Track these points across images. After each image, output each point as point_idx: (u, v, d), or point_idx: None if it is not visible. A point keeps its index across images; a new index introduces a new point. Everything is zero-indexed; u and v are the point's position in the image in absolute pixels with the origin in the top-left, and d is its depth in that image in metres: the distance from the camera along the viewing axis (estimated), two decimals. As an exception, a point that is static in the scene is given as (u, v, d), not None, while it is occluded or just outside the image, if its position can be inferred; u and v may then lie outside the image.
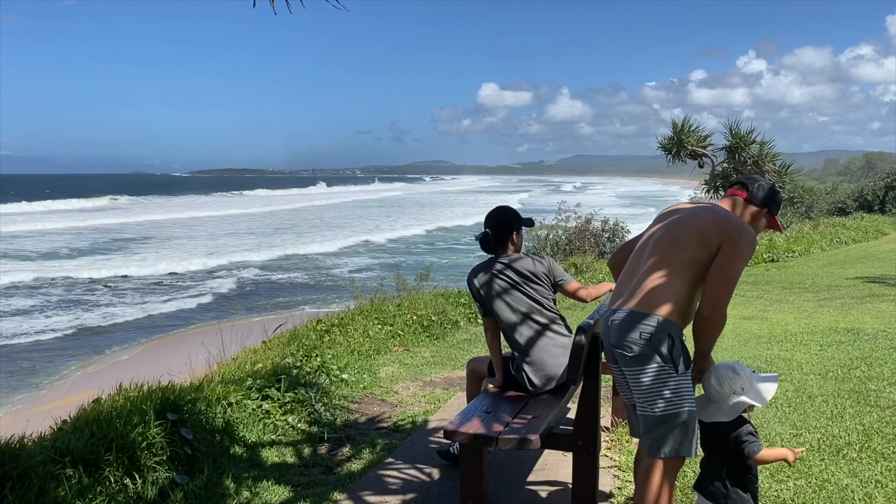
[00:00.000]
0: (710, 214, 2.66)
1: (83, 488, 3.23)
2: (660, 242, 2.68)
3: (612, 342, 2.64)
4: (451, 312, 8.86)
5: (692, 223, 2.65)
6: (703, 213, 2.69)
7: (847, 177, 62.97)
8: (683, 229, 2.65)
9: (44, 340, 13.37)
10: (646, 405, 2.57)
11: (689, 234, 2.61)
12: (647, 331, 2.53)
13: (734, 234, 2.57)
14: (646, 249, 2.73)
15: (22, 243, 31.61)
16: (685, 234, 2.63)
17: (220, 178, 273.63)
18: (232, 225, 43.67)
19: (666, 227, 2.73)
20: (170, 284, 20.35)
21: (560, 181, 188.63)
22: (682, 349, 2.57)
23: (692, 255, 2.58)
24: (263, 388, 4.94)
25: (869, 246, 17.85)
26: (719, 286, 2.54)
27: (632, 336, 2.55)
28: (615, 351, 2.64)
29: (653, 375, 2.53)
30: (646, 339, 2.52)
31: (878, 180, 29.60)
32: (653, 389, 2.54)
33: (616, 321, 2.64)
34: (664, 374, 2.53)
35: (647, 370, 2.54)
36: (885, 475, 3.63)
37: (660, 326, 2.53)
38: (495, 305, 3.64)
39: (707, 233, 2.58)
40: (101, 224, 43.15)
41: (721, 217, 2.64)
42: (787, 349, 6.52)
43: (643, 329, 2.54)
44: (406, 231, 38.49)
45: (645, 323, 2.54)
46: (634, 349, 2.54)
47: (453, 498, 3.56)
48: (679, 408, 2.53)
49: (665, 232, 2.70)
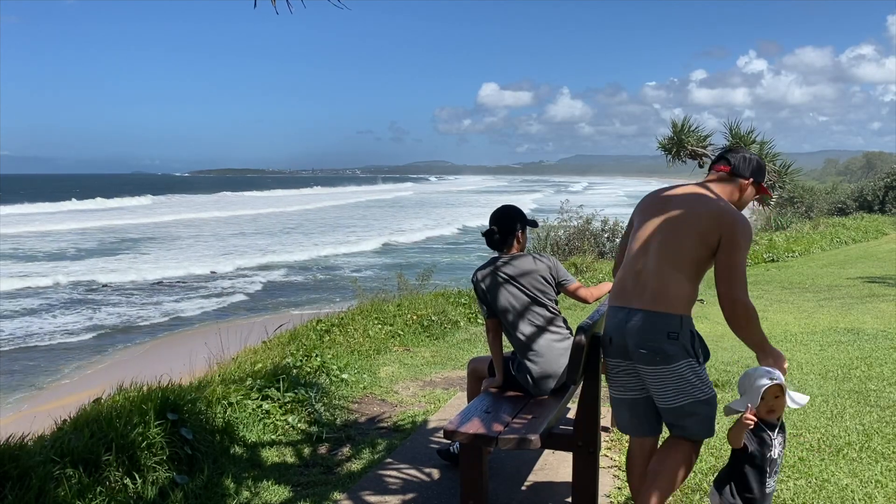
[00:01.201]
0: (706, 211, 2.72)
1: (83, 488, 3.23)
2: (664, 245, 2.74)
3: (635, 342, 2.70)
4: (451, 312, 8.86)
5: (691, 223, 2.71)
6: (699, 208, 2.74)
7: (847, 177, 63.00)
8: (682, 229, 2.72)
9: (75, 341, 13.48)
10: (675, 397, 2.70)
11: (690, 235, 2.70)
12: (673, 330, 2.66)
13: (731, 228, 2.66)
14: (649, 250, 2.77)
15: (39, 244, 31.82)
16: (685, 234, 2.71)
17: (223, 177, 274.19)
18: (269, 223, 44.88)
19: (667, 225, 2.76)
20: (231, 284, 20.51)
21: (566, 181, 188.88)
22: (700, 341, 2.75)
23: (696, 255, 2.69)
24: (263, 388, 4.94)
25: (869, 246, 17.86)
26: (730, 280, 2.63)
27: (658, 336, 2.66)
28: (638, 351, 2.70)
29: (683, 370, 2.67)
30: (674, 338, 2.65)
31: (878, 180, 29.59)
32: (683, 382, 2.68)
33: (636, 322, 2.70)
34: (692, 367, 2.69)
35: (677, 366, 2.67)
36: (885, 475, 3.63)
37: (683, 324, 2.67)
38: (497, 302, 3.65)
39: (706, 233, 2.67)
40: (159, 221, 44.64)
41: (716, 212, 2.71)
42: (787, 349, 6.52)
43: (669, 329, 2.66)
44: (439, 231, 38.92)
45: (669, 323, 2.66)
46: (666, 349, 2.65)
47: (453, 498, 3.56)
48: (705, 395, 2.71)
49: (666, 234, 2.75)
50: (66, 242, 32.72)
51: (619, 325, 2.76)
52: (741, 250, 2.64)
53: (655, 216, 2.82)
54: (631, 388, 2.82)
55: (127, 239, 34.27)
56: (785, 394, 2.53)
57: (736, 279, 2.62)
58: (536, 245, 16.80)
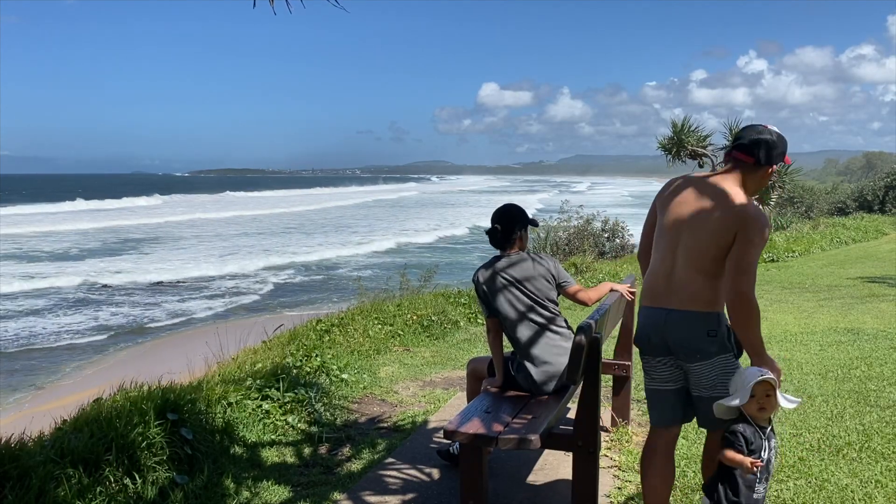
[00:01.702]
0: (722, 211, 2.73)
1: (83, 488, 3.23)
2: (688, 249, 2.79)
3: (675, 340, 2.81)
4: (451, 312, 8.86)
5: (709, 226, 2.74)
6: (716, 211, 2.74)
7: (847, 177, 62.97)
8: (702, 232, 2.76)
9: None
10: (709, 389, 2.79)
11: (710, 237, 2.73)
12: (712, 328, 2.77)
13: (747, 224, 2.68)
14: (676, 253, 2.83)
15: (52, 244, 31.95)
16: (705, 236, 2.75)
17: (224, 177, 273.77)
18: (289, 221, 45.56)
19: (688, 227, 2.80)
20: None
21: (567, 181, 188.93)
22: (734, 336, 2.81)
23: (718, 254, 2.73)
24: (263, 388, 4.94)
25: (869, 246, 17.85)
26: (738, 275, 2.67)
27: (698, 334, 2.77)
28: (680, 349, 2.81)
29: (722, 364, 2.78)
30: (713, 336, 2.76)
31: (878, 180, 29.59)
32: (724, 376, 2.77)
33: (675, 321, 2.80)
34: (728, 362, 2.79)
35: (716, 362, 2.77)
36: (885, 475, 3.63)
37: (720, 321, 2.78)
38: (497, 303, 3.65)
39: (723, 233, 2.71)
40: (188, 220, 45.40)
41: (731, 211, 2.71)
42: (787, 349, 6.52)
43: (709, 328, 2.76)
44: (451, 231, 39.18)
45: (708, 321, 2.77)
46: (705, 347, 2.76)
47: (453, 498, 3.56)
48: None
49: (689, 237, 2.80)
50: (93, 240, 33.18)
51: (658, 325, 2.85)
52: (754, 247, 2.67)
53: (678, 214, 2.84)
54: (669, 379, 2.92)
55: (147, 238, 34.62)
56: (776, 393, 2.54)
57: (744, 274, 2.65)
58: (536, 245, 16.80)
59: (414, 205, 67.78)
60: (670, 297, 2.81)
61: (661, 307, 2.83)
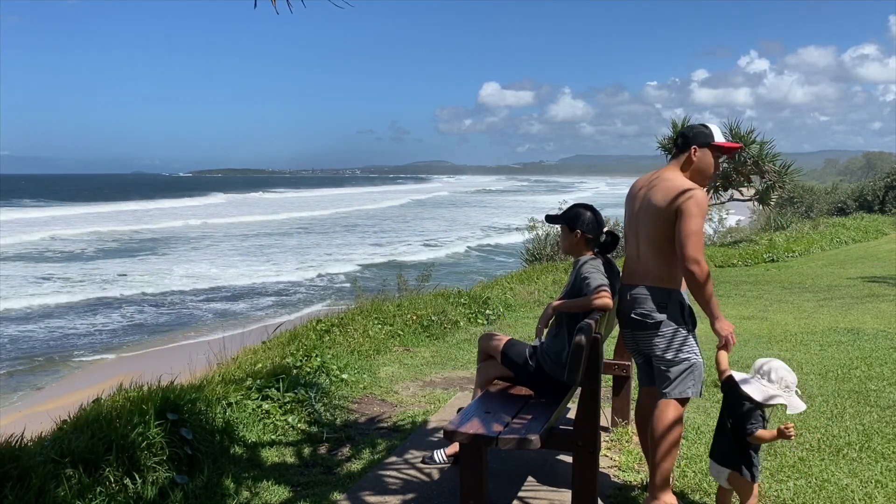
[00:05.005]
0: (661, 193, 3.11)
1: (83, 488, 3.23)
2: (644, 234, 3.19)
3: (634, 312, 3.20)
4: (451, 312, 8.85)
5: (655, 209, 3.12)
6: (657, 194, 3.13)
7: (847, 177, 62.90)
8: (650, 216, 3.15)
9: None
10: (662, 359, 3.17)
11: (657, 219, 3.11)
12: (662, 301, 3.15)
13: (681, 199, 3.04)
14: (638, 235, 3.23)
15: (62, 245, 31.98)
16: (653, 219, 3.13)
17: (230, 177, 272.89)
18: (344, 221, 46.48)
19: (642, 211, 3.20)
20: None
21: (570, 181, 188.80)
22: (690, 311, 3.21)
23: (667, 232, 3.10)
24: (263, 388, 4.94)
25: (869, 246, 17.84)
26: (684, 245, 3.01)
27: (649, 306, 3.15)
28: (631, 318, 3.22)
29: (670, 335, 3.15)
30: (663, 308, 3.14)
31: (878, 180, 29.55)
32: (671, 346, 3.15)
33: (634, 295, 3.21)
34: (678, 333, 3.15)
35: (664, 332, 3.15)
36: (885, 475, 3.63)
37: (671, 296, 3.15)
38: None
39: (665, 212, 3.08)
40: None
41: (667, 190, 3.10)
42: (787, 349, 6.52)
43: (659, 301, 3.15)
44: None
45: (659, 294, 3.15)
46: (656, 317, 3.14)
47: (453, 498, 3.56)
48: (689, 359, 3.16)
49: (643, 222, 3.19)
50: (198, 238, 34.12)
51: (623, 300, 3.28)
52: (693, 217, 3.00)
53: (635, 205, 3.27)
54: (634, 351, 3.35)
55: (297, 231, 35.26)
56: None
57: (690, 244, 2.99)
58: (537, 245, 16.80)
59: (459, 204, 67.62)
60: (633, 277, 3.25)
61: (631, 284, 3.25)
